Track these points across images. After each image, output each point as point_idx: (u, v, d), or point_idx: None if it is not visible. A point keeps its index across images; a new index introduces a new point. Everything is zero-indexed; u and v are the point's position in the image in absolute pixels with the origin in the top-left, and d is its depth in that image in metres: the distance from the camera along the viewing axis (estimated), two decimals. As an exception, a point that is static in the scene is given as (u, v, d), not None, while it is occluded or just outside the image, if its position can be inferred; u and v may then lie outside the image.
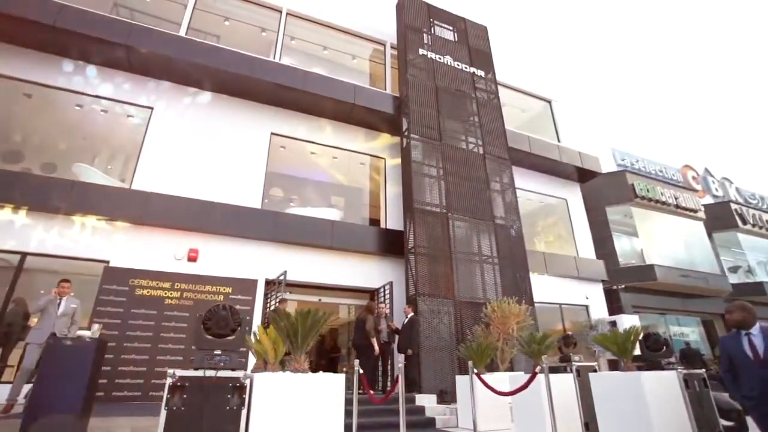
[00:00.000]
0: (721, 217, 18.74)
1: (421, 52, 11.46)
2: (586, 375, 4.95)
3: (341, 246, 9.37)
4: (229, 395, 3.10)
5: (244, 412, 3.07)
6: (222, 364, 3.21)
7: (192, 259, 8.08)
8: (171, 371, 3.06)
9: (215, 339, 3.36)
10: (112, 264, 7.47)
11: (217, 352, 3.27)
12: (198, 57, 9.05)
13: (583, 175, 14.20)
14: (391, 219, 10.43)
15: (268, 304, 8.40)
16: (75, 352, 4.01)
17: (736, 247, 19.18)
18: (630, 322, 11.01)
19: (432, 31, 12.12)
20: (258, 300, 8.26)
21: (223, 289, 7.96)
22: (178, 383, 3.03)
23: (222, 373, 3.17)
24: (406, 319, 8.22)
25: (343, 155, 11.07)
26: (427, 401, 7.34)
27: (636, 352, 4.72)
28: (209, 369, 3.16)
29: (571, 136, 14.70)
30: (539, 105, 15.33)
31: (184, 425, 2.93)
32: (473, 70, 12.16)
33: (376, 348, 7.62)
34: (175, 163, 8.63)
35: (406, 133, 10.36)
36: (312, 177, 11.86)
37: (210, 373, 3.12)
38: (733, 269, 18.54)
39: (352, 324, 9.49)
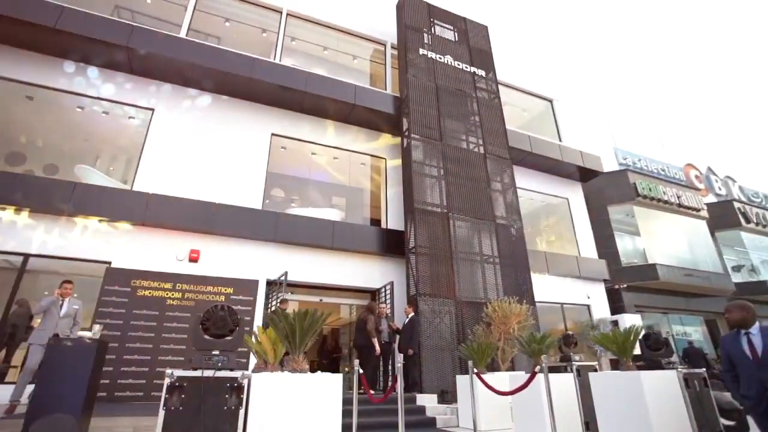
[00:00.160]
0: (724, 216, 18.64)
1: (422, 52, 11.45)
2: (586, 374, 4.95)
3: (342, 246, 9.39)
4: (227, 395, 3.12)
5: (241, 411, 3.08)
6: (220, 364, 3.23)
7: (193, 260, 8.12)
8: (169, 371, 3.08)
9: (213, 339, 3.38)
10: (114, 265, 7.52)
11: (215, 352, 3.29)
12: (199, 58, 9.09)
13: (585, 175, 14.17)
14: (392, 219, 10.45)
15: (269, 304, 8.42)
16: (75, 352, 4.04)
17: (739, 246, 19.09)
18: (632, 321, 10.97)
19: (432, 31, 12.11)
20: (259, 300, 8.29)
21: (225, 290, 7.99)
22: (176, 383, 3.05)
23: (220, 373, 3.19)
24: (406, 319, 8.23)
25: (344, 155, 11.09)
26: (428, 401, 7.35)
27: (636, 351, 4.71)
28: (207, 369, 3.18)
29: (573, 135, 14.67)
30: (541, 104, 15.30)
31: (182, 425, 2.95)
32: (474, 69, 12.15)
33: (377, 348, 7.63)
34: (177, 165, 8.68)
35: (406, 133, 10.36)
36: (313, 177, 11.87)
37: (208, 373, 3.14)
38: (737, 268, 18.44)
39: (353, 324, 9.50)
